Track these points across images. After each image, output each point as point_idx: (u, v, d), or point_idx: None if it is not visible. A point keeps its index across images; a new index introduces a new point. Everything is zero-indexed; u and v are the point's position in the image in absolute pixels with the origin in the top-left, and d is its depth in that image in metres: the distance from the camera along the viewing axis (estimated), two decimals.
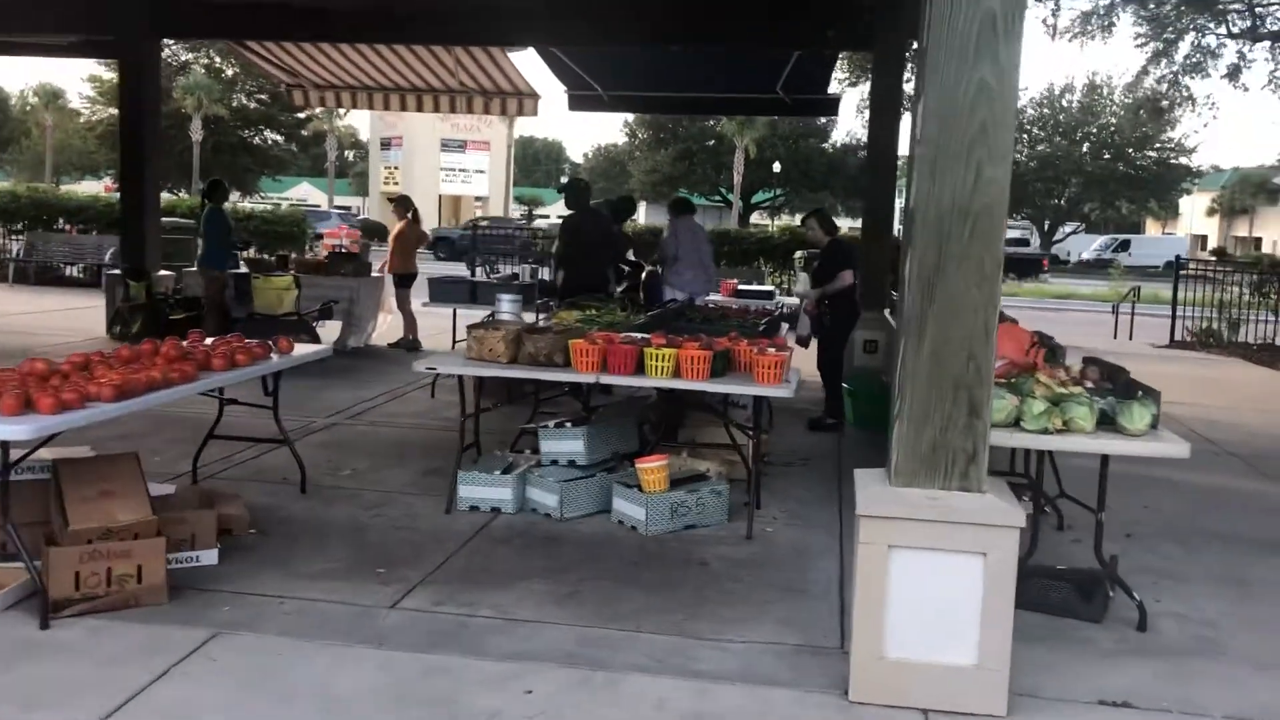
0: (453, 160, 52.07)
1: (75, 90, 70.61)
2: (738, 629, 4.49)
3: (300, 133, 53.04)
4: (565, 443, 6.13)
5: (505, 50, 12.18)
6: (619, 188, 49.36)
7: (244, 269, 11.99)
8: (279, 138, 51.66)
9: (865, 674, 3.83)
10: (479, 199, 54.10)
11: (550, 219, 43.78)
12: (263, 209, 22.52)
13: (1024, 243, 50.19)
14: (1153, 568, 5.54)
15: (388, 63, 12.92)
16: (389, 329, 12.83)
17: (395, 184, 47.78)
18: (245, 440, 6.68)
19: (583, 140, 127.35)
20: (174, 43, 46.34)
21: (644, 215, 49.89)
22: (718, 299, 10.67)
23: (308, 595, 4.69)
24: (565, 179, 16.61)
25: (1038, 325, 6.98)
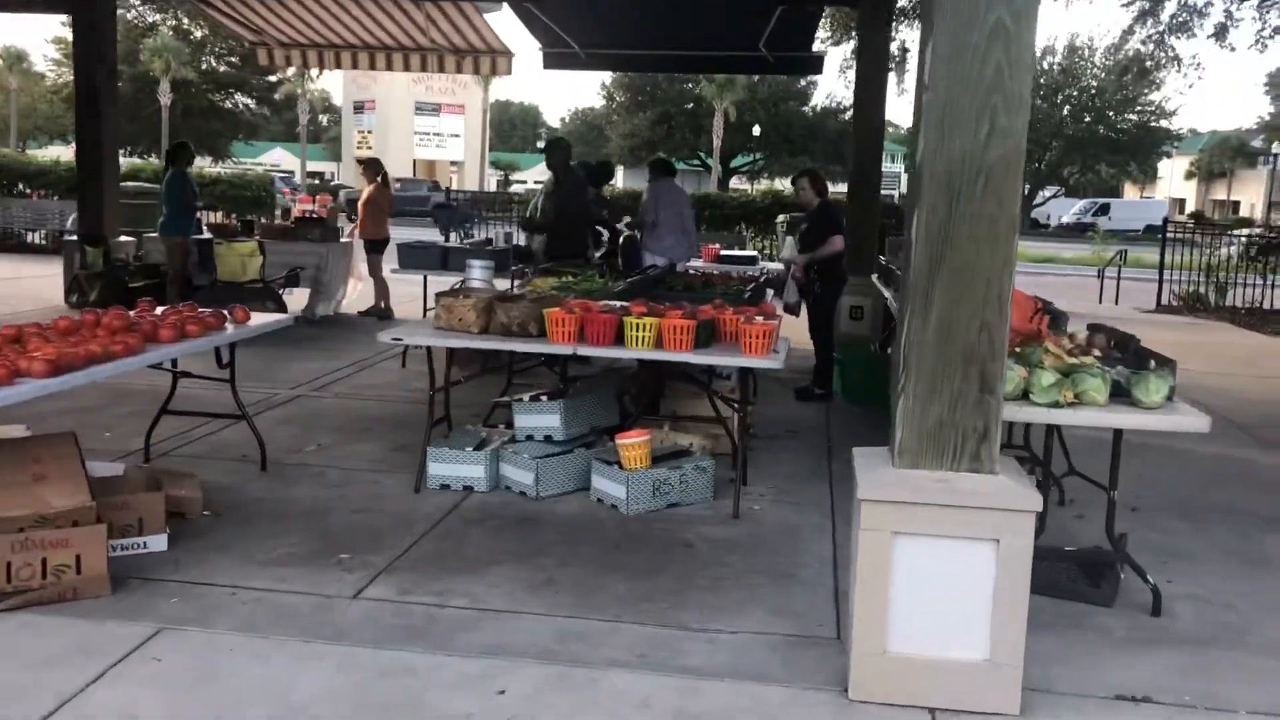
0: (427, 124, 51.42)
1: (40, 53, 69.18)
2: (726, 618, 4.19)
3: (272, 96, 52.15)
4: (541, 417, 5.84)
5: (478, 6, 11.72)
6: (597, 152, 48.85)
7: (206, 234, 11.59)
8: (250, 101, 50.77)
9: (866, 670, 3.54)
10: (454, 164, 53.50)
11: (527, 184, 43.31)
12: (230, 173, 21.89)
13: None
14: (1160, 545, 5.28)
15: (356, 20, 12.43)
16: (359, 296, 12.50)
17: (368, 148, 47.10)
18: (202, 415, 6.30)
19: (560, 104, 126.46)
20: (140, 2, 45.38)
21: (622, 179, 49.38)
22: (699, 264, 10.53)
23: (263, 585, 4.36)
24: (546, 139, 16.25)
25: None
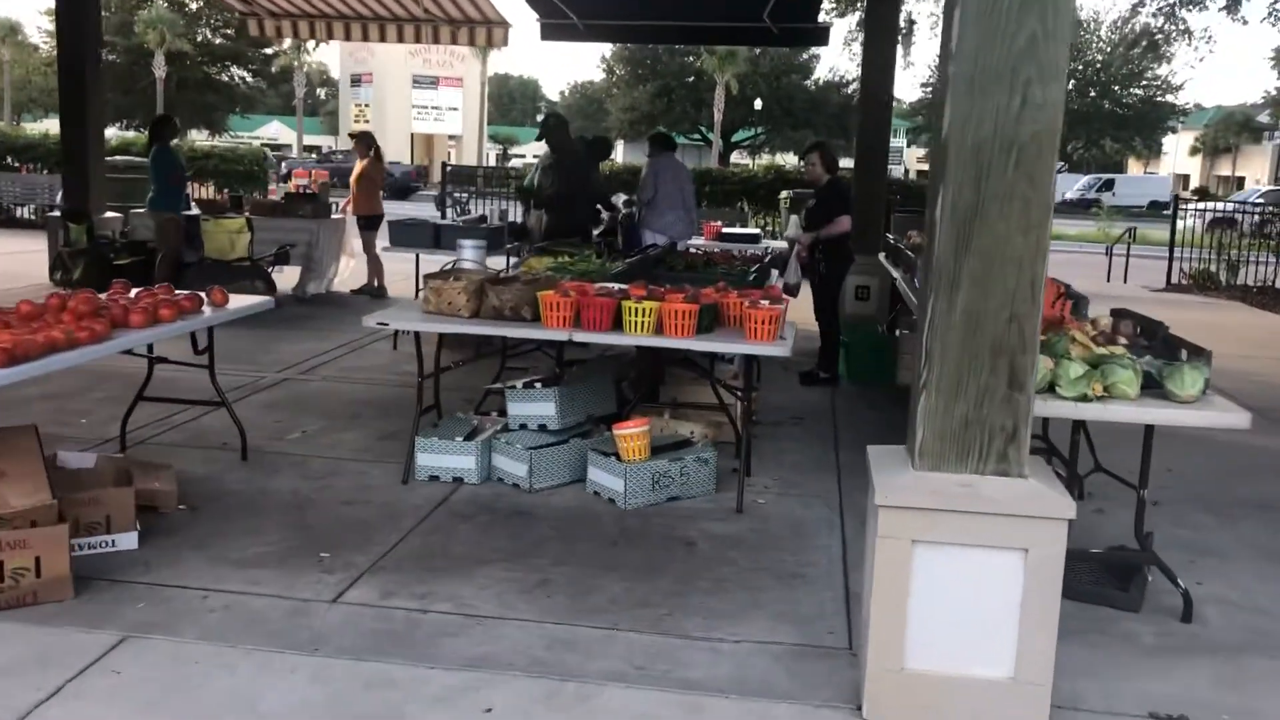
0: (425, 97, 50.94)
1: (35, 24, 68.53)
2: (730, 625, 3.93)
3: (269, 69, 51.63)
4: (535, 405, 5.58)
5: None
6: (596, 126, 48.43)
7: (194, 210, 11.29)
8: (246, 74, 50.24)
9: (882, 688, 3.28)
10: (452, 138, 53.07)
11: (526, 158, 42.86)
12: (223, 147, 21.53)
13: None
14: (1188, 542, 5.01)
15: None
16: (352, 274, 12.23)
17: (365, 122, 46.67)
18: (180, 402, 6.02)
19: (559, 77, 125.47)
20: None
21: (622, 153, 48.97)
22: (700, 243, 10.28)
23: (237, 587, 4.10)
24: (543, 114, 15.96)
25: None
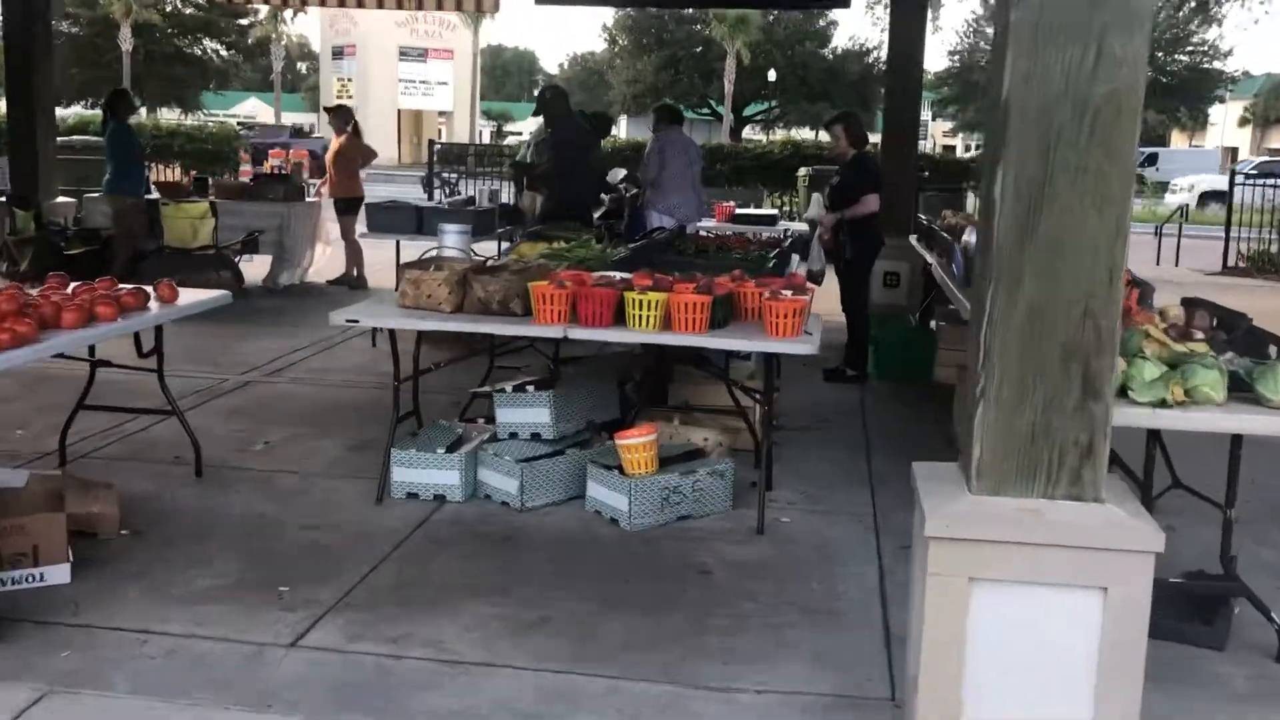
0: (412, 71, 50.66)
1: None
2: (753, 670, 3.65)
3: (244, 41, 51.33)
4: (527, 410, 5.36)
5: None
6: (597, 100, 48.15)
7: (153, 194, 11.16)
8: (220, 47, 50.01)
9: None
10: (442, 114, 52.87)
11: (522, 135, 42.59)
12: (190, 125, 21.28)
13: None
14: (1271, 565, 4.71)
15: None
16: (328, 263, 12.03)
17: (349, 97, 46.36)
18: (126, 411, 5.74)
19: (557, 49, 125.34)
20: None
21: (625, 129, 48.68)
22: (712, 225, 9.97)
23: (181, 628, 3.84)
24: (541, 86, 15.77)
25: None
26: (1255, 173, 22.20)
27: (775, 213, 11.97)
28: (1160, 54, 49.12)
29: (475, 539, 4.75)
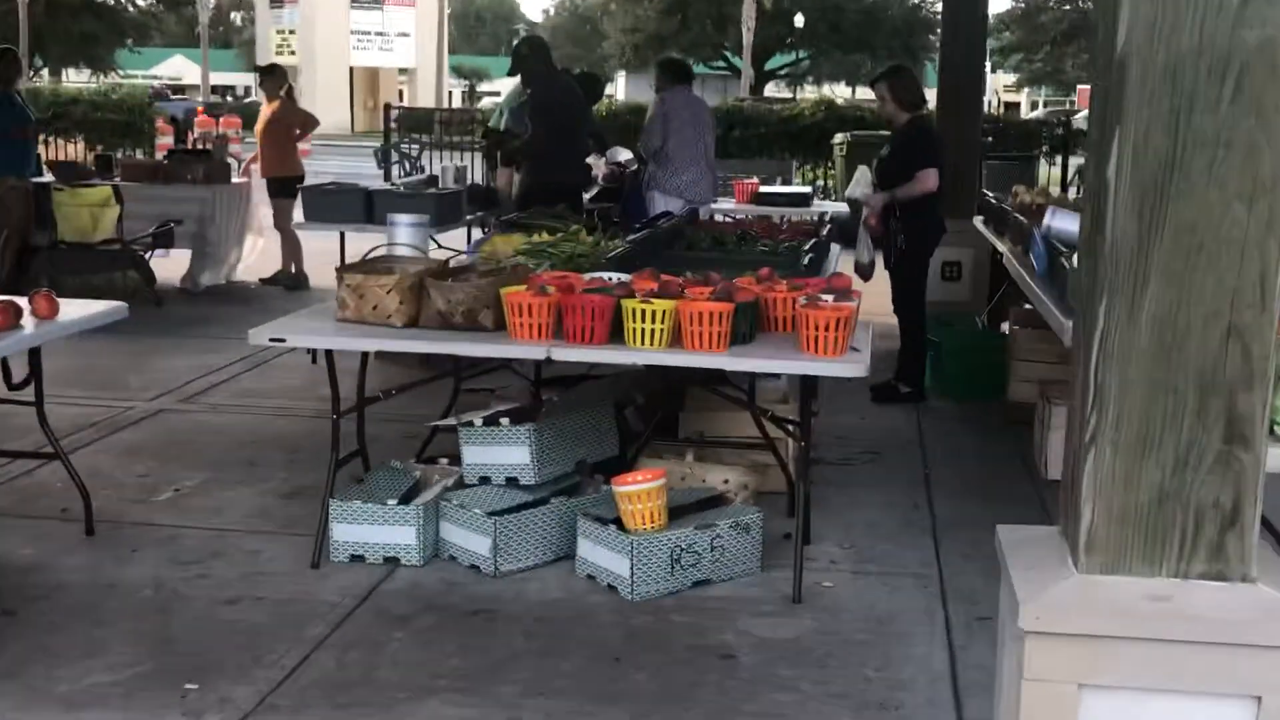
0: (367, 21, 50.92)
1: None
2: None
3: None
4: (501, 449, 5.19)
5: None
6: (589, 55, 48.28)
7: (46, 176, 11.07)
8: None
9: None
10: (403, 72, 53.11)
11: (500, 97, 42.65)
12: (93, 91, 21.20)
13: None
14: None
15: None
16: (260, 258, 12.05)
17: (290, 53, 46.44)
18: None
19: None
20: None
21: (623, 89, 48.71)
22: (730, 208, 10.05)
23: None
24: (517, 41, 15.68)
25: None
26: None
27: (808, 190, 11.81)
28: None
29: (436, 614, 4.59)
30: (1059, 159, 18.93)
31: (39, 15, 44.23)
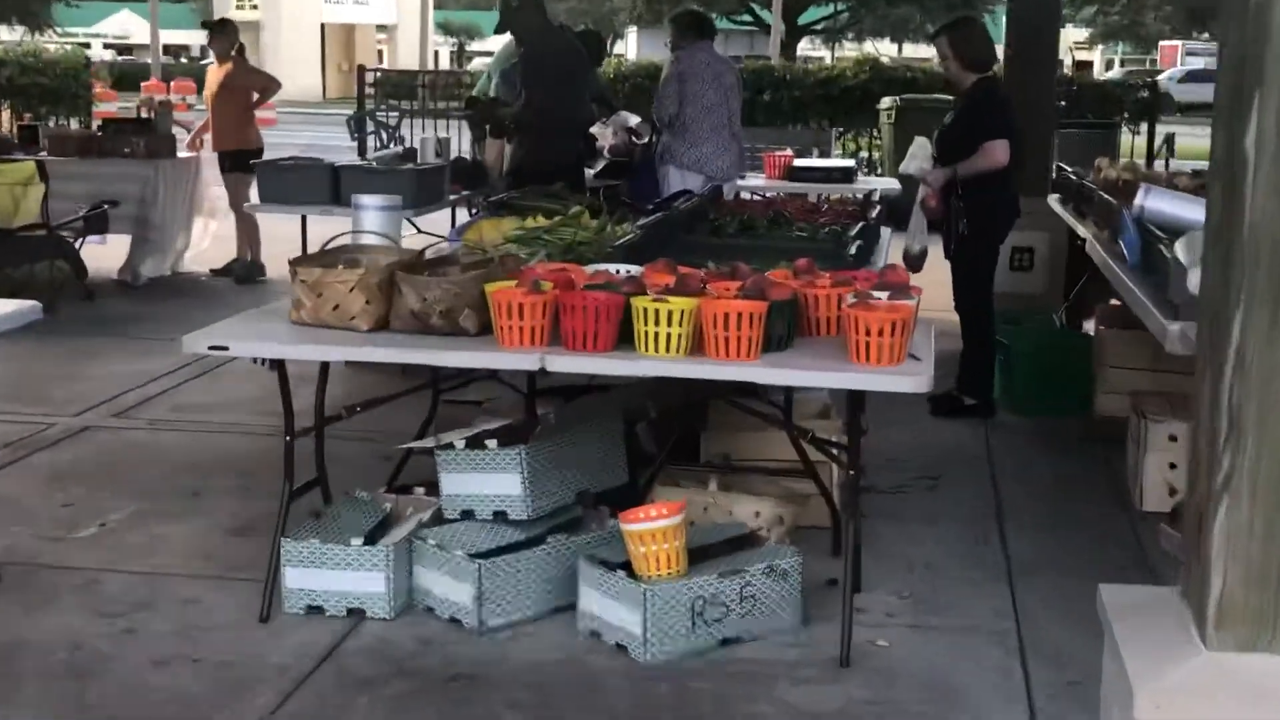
0: None
1: None
2: None
3: None
4: (487, 476, 5.11)
5: None
6: (597, 8, 48.37)
7: None
8: None
9: None
10: (382, 29, 53.54)
11: (493, 58, 42.82)
12: (20, 51, 21.19)
13: None
14: None
15: None
16: (212, 245, 12.09)
17: (252, 7, 46.65)
18: None
19: None
20: None
21: (635, 47, 48.74)
22: (761, 185, 9.98)
23: None
24: None
25: None
26: None
27: (851, 163, 11.73)
28: None
29: (408, 680, 4.52)
30: (1143, 126, 18.85)
31: None
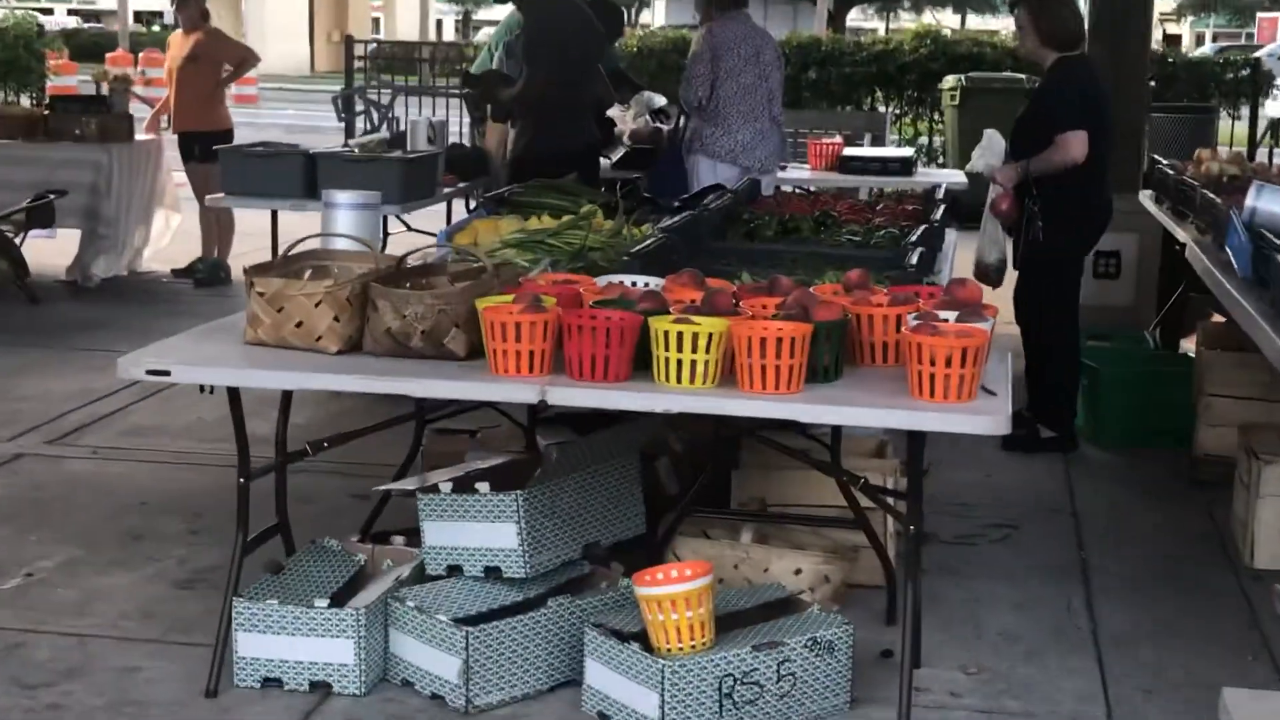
0: None
1: None
2: None
3: None
4: (478, 526, 4.99)
5: None
6: None
7: None
8: None
9: None
10: (375, 2, 53.88)
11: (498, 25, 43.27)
12: None
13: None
14: None
15: None
16: (174, 241, 12.13)
17: None
18: None
19: None
20: None
21: (661, 15, 48.72)
22: (805, 179, 9.97)
23: None
24: None
25: None
26: None
27: (910, 153, 11.56)
28: None
29: None
30: (1243, 110, 18.54)
31: None
